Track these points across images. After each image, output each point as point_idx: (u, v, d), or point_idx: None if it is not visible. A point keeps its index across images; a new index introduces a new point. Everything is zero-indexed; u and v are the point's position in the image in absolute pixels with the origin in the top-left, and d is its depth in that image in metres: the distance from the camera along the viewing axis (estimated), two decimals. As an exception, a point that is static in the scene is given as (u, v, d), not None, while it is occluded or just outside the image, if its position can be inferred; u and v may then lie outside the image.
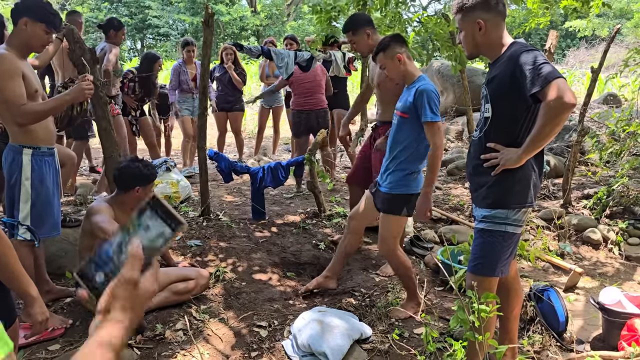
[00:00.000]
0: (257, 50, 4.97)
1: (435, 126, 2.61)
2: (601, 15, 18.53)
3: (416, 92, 2.64)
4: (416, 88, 2.66)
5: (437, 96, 2.66)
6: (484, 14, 2.07)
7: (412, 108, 2.67)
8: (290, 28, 22.80)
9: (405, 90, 2.78)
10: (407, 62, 2.75)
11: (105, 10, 22.68)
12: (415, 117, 2.67)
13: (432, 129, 2.62)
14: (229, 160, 4.35)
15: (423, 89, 2.63)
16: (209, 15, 3.72)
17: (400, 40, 2.76)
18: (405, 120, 2.73)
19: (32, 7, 2.55)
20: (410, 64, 2.77)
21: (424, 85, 2.65)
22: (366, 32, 3.36)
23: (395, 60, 2.72)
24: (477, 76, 9.20)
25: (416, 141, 2.72)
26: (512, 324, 2.39)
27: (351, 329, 2.57)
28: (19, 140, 2.60)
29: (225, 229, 3.93)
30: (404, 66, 2.74)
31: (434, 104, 2.61)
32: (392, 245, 2.84)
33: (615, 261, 3.98)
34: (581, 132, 4.54)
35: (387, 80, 3.26)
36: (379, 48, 2.76)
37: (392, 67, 2.75)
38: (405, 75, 2.77)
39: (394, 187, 2.78)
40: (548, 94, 1.84)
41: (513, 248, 2.17)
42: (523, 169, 2.06)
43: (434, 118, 2.60)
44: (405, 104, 2.72)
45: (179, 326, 2.66)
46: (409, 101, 2.68)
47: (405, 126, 2.74)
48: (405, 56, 2.74)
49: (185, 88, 5.89)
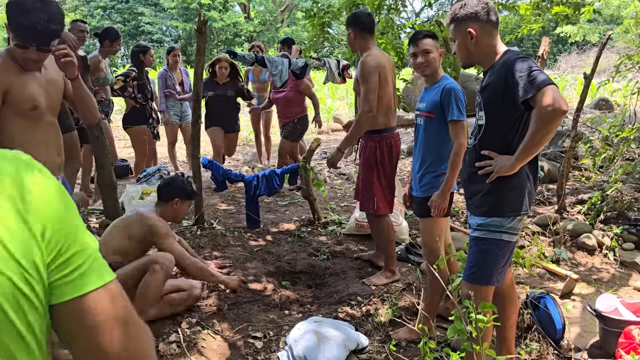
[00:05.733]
0: (250, 58, 4.97)
1: (460, 125, 2.62)
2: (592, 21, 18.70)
3: (443, 90, 2.65)
4: (443, 87, 2.67)
5: (463, 95, 2.67)
6: (475, 23, 2.09)
7: (438, 107, 2.67)
8: (284, 34, 22.83)
9: (426, 91, 2.79)
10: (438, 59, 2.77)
11: (98, 17, 22.65)
12: (441, 116, 2.67)
13: (457, 127, 2.62)
14: (222, 169, 4.33)
15: (450, 88, 2.64)
16: (201, 22, 3.71)
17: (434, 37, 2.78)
18: (431, 120, 2.73)
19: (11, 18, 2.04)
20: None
21: (450, 84, 2.67)
22: (349, 32, 3.32)
23: (437, 54, 2.74)
24: (471, 82, 9.23)
25: (443, 141, 2.70)
26: (509, 332, 2.37)
27: (347, 339, 2.54)
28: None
29: (220, 238, 3.90)
30: (435, 63, 2.75)
31: (461, 102, 2.64)
32: (436, 251, 2.64)
33: (611, 267, 3.98)
34: (574, 138, 4.56)
35: (357, 85, 3.30)
36: (433, 34, 2.78)
37: (434, 60, 2.75)
38: (433, 73, 2.77)
39: (427, 190, 2.76)
40: (540, 101, 1.85)
41: (508, 256, 2.16)
42: (517, 177, 2.05)
43: (460, 117, 2.62)
44: (430, 103, 2.72)
45: (172, 338, 2.62)
46: (436, 100, 2.68)
47: (431, 127, 2.74)
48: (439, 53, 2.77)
49: (172, 94, 5.88)
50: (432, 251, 2.73)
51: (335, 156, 3.46)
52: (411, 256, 3.79)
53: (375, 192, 3.33)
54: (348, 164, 7.37)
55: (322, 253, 3.82)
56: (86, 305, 0.69)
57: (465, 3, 2.13)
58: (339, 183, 6.10)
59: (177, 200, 2.96)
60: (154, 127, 5.35)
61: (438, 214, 2.67)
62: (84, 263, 0.70)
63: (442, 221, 2.84)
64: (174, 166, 6.24)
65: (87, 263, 0.71)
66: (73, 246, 0.70)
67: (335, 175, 6.56)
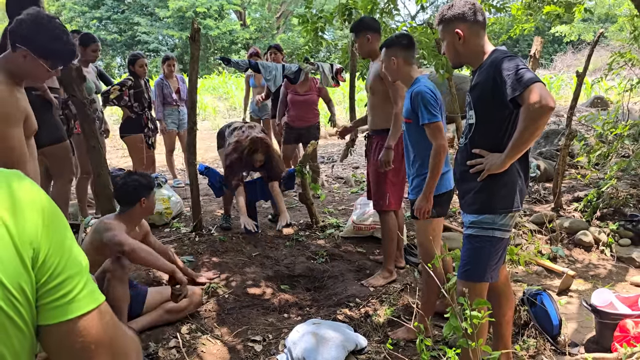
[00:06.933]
0: (244, 65, 5.00)
1: (434, 126, 2.59)
2: (586, 20, 18.77)
3: (411, 95, 2.66)
4: (411, 92, 2.67)
5: (432, 96, 2.61)
6: (462, 24, 2.12)
7: (411, 112, 2.68)
8: (280, 40, 22.92)
9: (406, 95, 2.81)
10: (401, 65, 2.77)
11: (94, 28, 22.72)
12: (416, 121, 2.67)
13: (431, 129, 2.60)
14: (219, 175, 4.34)
15: (417, 92, 2.62)
16: (194, 30, 3.75)
17: (404, 43, 2.78)
18: (410, 125, 2.74)
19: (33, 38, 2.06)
20: (406, 68, 2.78)
21: (417, 88, 2.65)
22: (367, 36, 3.41)
23: (391, 60, 2.77)
24: (465, 83, 9.26)
25: (425, 144, 2.69)
26: (505, 329, 2.39)
27: (346, 340, 2.56)
28: None
29: (218, 244, 3.92)
30: (397, 69, 2.77)
31: (430, 104, 2.58)
32: (431, 250, 2.70)
33: (607, 263, 4.00)
34: (569, 136, 4.59)
35: (377, 82, 3.31)
36: (382, 44, 2.86)
37: (387, 66, 2.81)
38: (401, 77, 2.81)
39: (418, 192, 2.76)
40: (527, 98, 1.88)
41: (502, 253, 2.18)
42: (508, 174, 2.08)
43: (432, 119, 2.58)
44: (406, 108, 2.74)
45: (172, 344, 2.64)
46: (408, 106, 2.70)
47: (412, 131, 2.75)
48: (402, 60, 2.76)
49: (169, 101, 5.93)
50: (427, 251, 2.75)
51: (388, 154, 3.33)
52: (409, 257, 3.81)
53: (388, 188, 3.40)
54: (345, 167, 7.39)
55: (321, 256, 3.84)
56: (79, 327, 0.71)
57: (453, 4, 2.17)
58: (336, 187, 6.12)
59: (144, 199, 2.82)
60: (149, 136, 5.38)
61: (421, 217, 2.67)
62: (76, 285, 0.72)
63: (437, 222, 2.86)
64: (172, 174, 6.27)
65: (80, 285, 0.72)
66: (66, 269, 0.71)
67: (333, 179, 6.59)
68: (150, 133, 5.37)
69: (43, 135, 2.99)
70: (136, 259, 2.61)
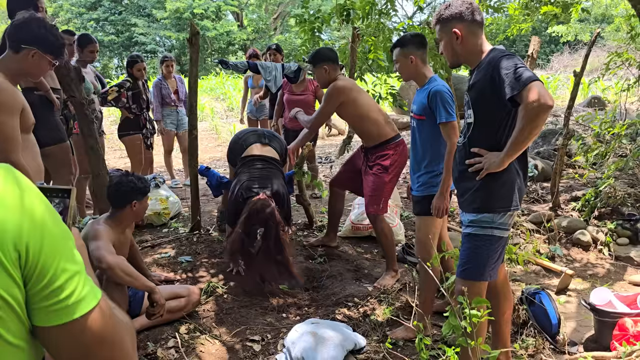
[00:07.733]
0: (243, 66, 5.00)
1: (450, 126, 2.65)
2: (583, 20, 18.84)
3: (429, 93, 2.69)
4: (429, 90, 2.70)
5: (450, 96, 2.70)
6: (460, 23, 2.13)
7: (427, 110, 2.71)
8: (277, 41, 22.92)
9: (418, 92, 2.83)
10: (419, 64, 2.80)
11: (92, 29, 22.68)
12: (431, 119, 2.71)
13: (447, 128, 2.66)
14: (218, 175, 4.34)
15: (436, 91, 2.67)
16: (193, 33, 3.73)
17: (418, 42, 2.81)
18: (423, 122, 2.77)
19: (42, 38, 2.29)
20: (422, 67, 2.82)
21: (436, 87, 2.70)
22: (324, 67, 3.46)
23: (408, 59, 2.78)
24: (464, 83, 9.30)
25: (436, 142, 2.74)
26: (504, 328, 2.39)
27: (345, 340, 2.56)
28: None
29: (216, 244, 3.91)
30: (414, 67, 2.79)
31: (448, 104, 2.67)
32: (429, 247, 2.70)
33: (606, 262, 4.01)
34: (567, 135, 4.60)
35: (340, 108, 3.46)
36: (396, 43, 2.84)
37: (404, 65, 2.81)
38: (416, 76, 2.82)
39: (425, 189, 2.81)
40: (526, 97, 1.88)
41: (501, 252, 2.18)
42: (507, 173, 2.08)
43: (449, 118, 2.65)
44: (420, 106, 2.76)
45: (170, 344, 2.64)
46: (424, 103, 2.73)
47: (423, 128, 2.78)
48: (419, 59, 2.79)
49: (168, 102, 5.92)
50: (425, 248, 2.76)
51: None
52: (408, 257, 3.81)
53: (385, 194, 3.45)
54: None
55: (319, 256, 3.84)
56: (84, 324, 0.72)
57: (450, 4, 2.17)
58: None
59: (135, 202, 2.79)
60: (148, 137, 5.37)
61: (439, 215, 2.72)
62: (78, 285, 0.72)
63: (439, 220, 2.87)
64: (170, 174, 6.26)
65: (81, 284, 0.72)
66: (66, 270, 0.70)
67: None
68: (148, 134, 5.36)
69: (43, 135, 3.05)
70: (113, 277, 2.50)
